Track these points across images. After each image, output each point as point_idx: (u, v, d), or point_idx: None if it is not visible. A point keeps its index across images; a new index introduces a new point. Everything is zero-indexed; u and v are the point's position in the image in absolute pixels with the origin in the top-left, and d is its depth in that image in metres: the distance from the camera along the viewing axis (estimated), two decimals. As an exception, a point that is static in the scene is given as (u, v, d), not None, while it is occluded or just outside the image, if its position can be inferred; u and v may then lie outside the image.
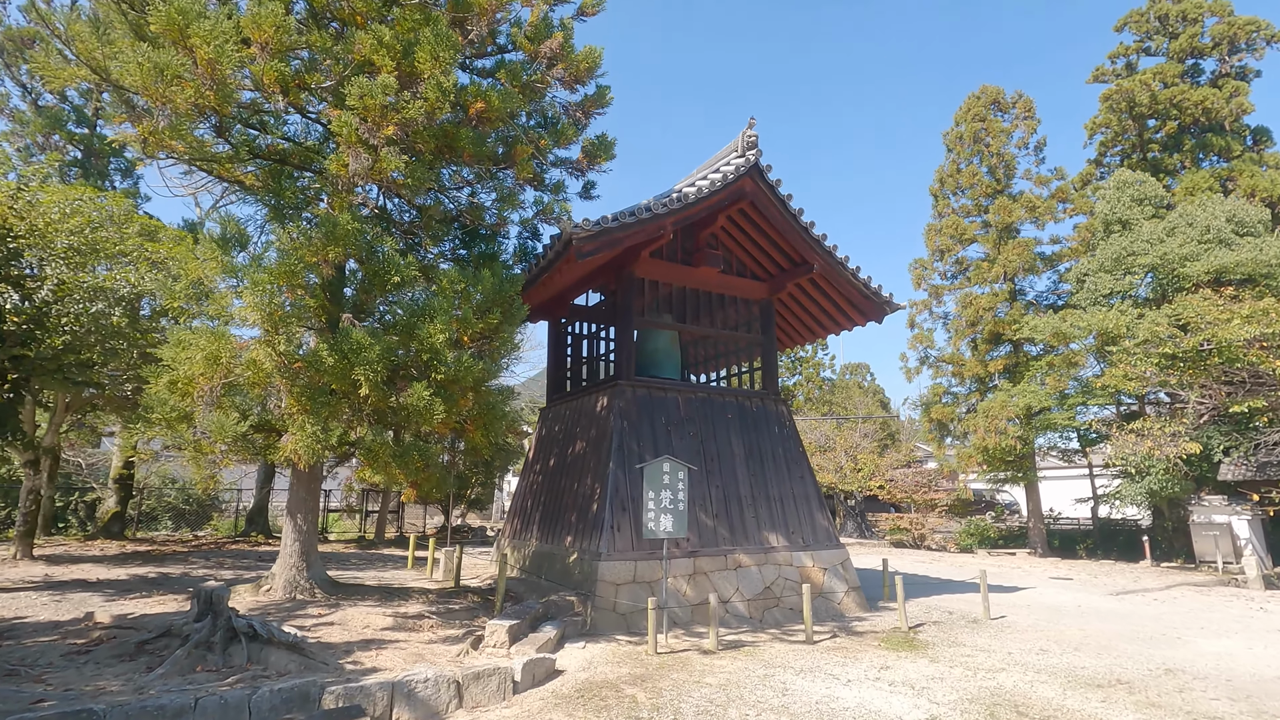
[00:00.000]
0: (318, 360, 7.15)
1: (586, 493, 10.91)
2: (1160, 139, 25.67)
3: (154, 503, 24.66)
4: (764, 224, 12.11)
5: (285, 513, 9.46)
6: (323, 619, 8.18)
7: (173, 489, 25.01)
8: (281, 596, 8.98)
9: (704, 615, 9.73)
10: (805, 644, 8.99)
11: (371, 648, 7.30)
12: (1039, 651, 8.83)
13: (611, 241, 9.94)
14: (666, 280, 12.12)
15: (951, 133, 27.12)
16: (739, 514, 11.15)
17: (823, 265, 12.21)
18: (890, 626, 10.24)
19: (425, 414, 7.71)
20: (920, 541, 27.17)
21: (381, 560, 15.88)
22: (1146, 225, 20.99)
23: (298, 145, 9.26)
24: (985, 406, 22.87)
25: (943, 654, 8.55)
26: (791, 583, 10.96)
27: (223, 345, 6.79)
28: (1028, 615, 11.56)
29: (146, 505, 24.36)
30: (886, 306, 12.85)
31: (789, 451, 12.30)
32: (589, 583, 9.52)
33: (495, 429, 9.36)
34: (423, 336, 7.65)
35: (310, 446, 7.64)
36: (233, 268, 7.03)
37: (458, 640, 7.91)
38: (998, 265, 24.13)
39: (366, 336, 7.47)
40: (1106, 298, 21.20)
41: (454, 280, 8.24)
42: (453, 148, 8.43)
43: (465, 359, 7.89)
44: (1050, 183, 25.14)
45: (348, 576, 12.48)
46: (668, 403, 11.49)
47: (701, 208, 10.93)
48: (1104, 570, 19.36)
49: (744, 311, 13.13)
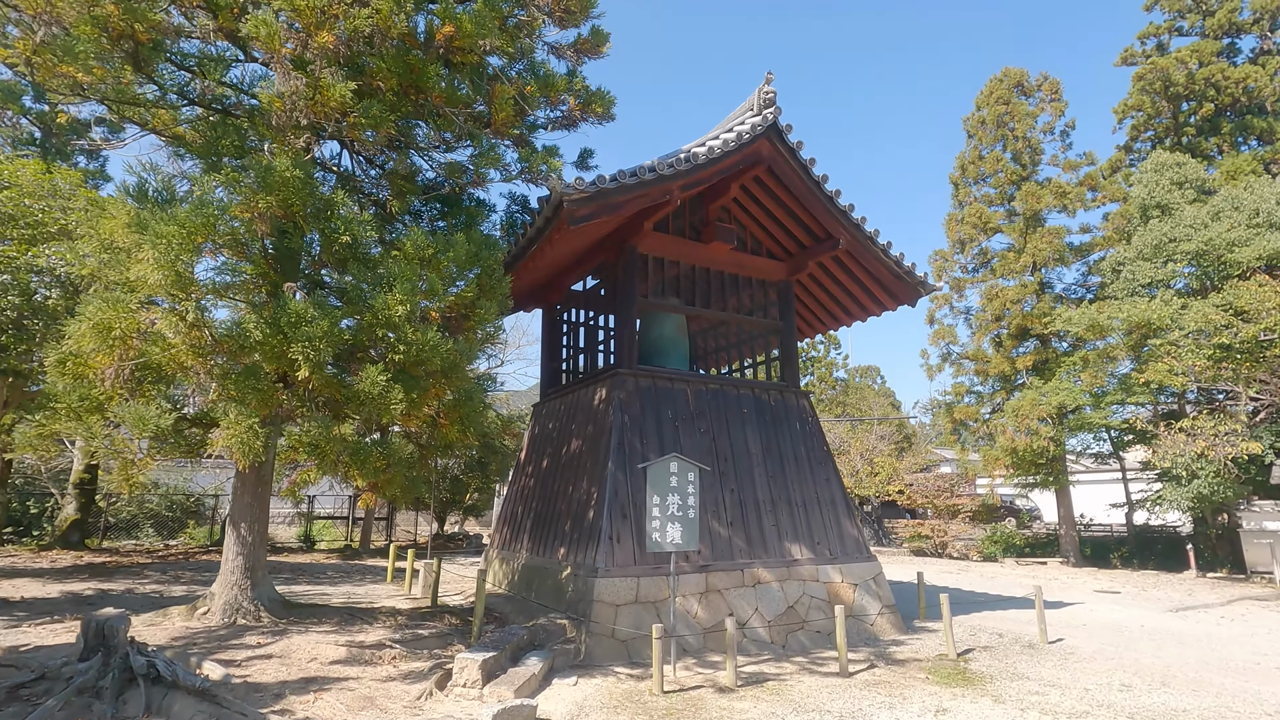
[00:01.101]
0: (243, 335, 5.79)
1: (582, 498, 9.52)
2: (1195, 122, 24.17)
3: (134, 509, 23.35)
4: (783, 194, 10.72)
5: (228, 522, 8.11)
6: (261, 650, 6.80)
7: (155, 494, 23.69)
8: (219, 621, 7.61)
9: (718, 641, 8.31)
10: (839, 677, 7.56)
11: (311, 689, 5.92)
12: (1121, 688, 7.37)
13: (609, 206, 8.57)
14: (673, 257, 10.73)
15: (973, 117, 25.70)
16: (757, 522, 9.73)
17: (849, 240, 10.80)
18: (935, 653, 8.79)
19: (381, 402, 6.34)
20: (942, 550, 25.62)
21: (361, 572, 14.50)
22: (1188, 210, 19.49)
23: (244, 92, 7.92)
24: (1014, 405, 21.34)
25: (1006, 691, 7.10)
26: (818, 601, 9.52)
27: (115, 315, 5.43)
28: (1088, 638, 10.09)
29: (127, 511, 23.07)
30: (920, 288, 11.43)
31: (812, 450, 10.87)
32: (583, 603, 8.12)
33: (474, 423, 7.98)
34: (378, 308, 6.29)
35: (246, 442, 6.29)
36: (139, 222, 5.69)
37: (422, 677, 6.52)
38: (1026, 255, 22.63)
39: (309, 307, 6.12)
40: (1145, 288, 19.70)
41: (420, 244, 6.87)
42: (419, 87, 7.08)
43: (432, 336, 6.53)
44: (1080, 168, 23.67)
45: (314, 593, 11.11)
46: (675, 395, 10.09)
47: (713, 171, 9.55)
48: (1149, 582, 17.80)
49: (760, 294, 11.73)
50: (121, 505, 23.08)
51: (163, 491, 23.81)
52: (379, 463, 7.03)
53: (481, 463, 23.43)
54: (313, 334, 5.95)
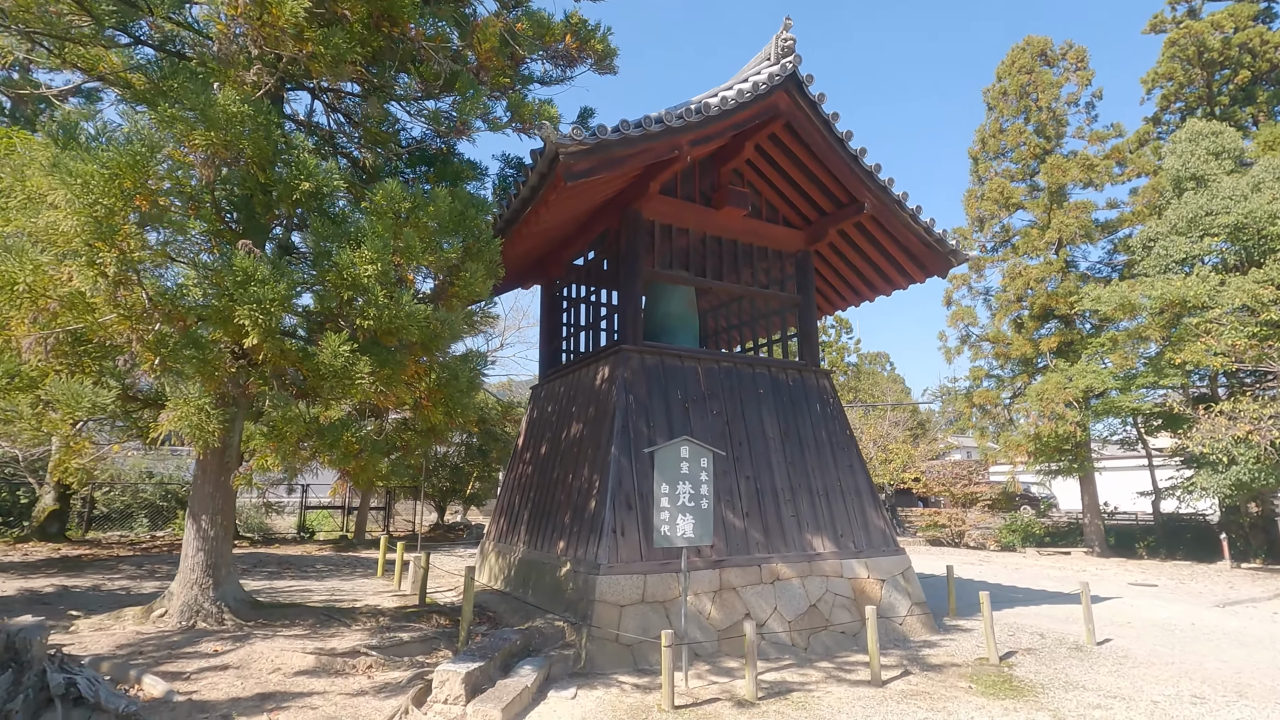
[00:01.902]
0: (179, 295, 4.93)
1: (583, 487, 8.67)
2: (1230, 90, 22.96)
3: (128, 499, 22.67)
4: (802, 153, 9.76)
5: (188, 515, 7.29)
6: (217, 659, 6.00)
7: (149, 483, 23.01)
8: (176, 624, 6.81)
9: (734, 644, 7.48)
10: (871, 686, 6.72)
11: (266, 708, 5.10)
12: (1194, 700, 6.49)
13: (610, 160, 7.65)
14: (682, 225, 9.81)
15: (994, 89, 24.53)
16: (775, 512, 8.87)
17: (875, 204, 9.85)
18: (973, 656, 7.94)
19: (345, 376, 5.48)
20: (959, 539, 24.75)
21: (352, 565, 13.74)
22: (1226, 181, 18.39)
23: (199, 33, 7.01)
24: (1038, 389, 20.34)
25: (1064, 704, 6.24)
26: (843, 599, 8.66)
27: (18, 267, 4.56)
28: (1137, 638, 9.21)
29: (120, 501, 22.41)
30: (952, 256, 10.47)
31: (835, 435, 9.98)
32: (584, 603, 7.28)
33: (460, 405, 7.11)
34: (342, 266, 5.41)
35: (197, 424, 5.46)
36: (58, 163, 4.81)
37: (399, 690, 5.70)
38: (1051, 231, 21.55)
39: (260, 265, 5.25)
40: (1179, 264, 18.64)
41: (395, 196, 5.98)
42: (391, 17, 6.17)
43: (407, 301, 5.65)
44: (1107, 139, 22.52)
45: (296, 590, 10.33)
46: (684, 373, 9.20)
47: (726, 125, 8.60)
48: (1183, 573, 16.89)
49: (776, 266, 10.79)
50: (115, 495, 22.45)
51: (157, 480, 23.13)
52: (351, 447, 6.19)
53: (482, 450, 22.65)
54: (263, 296, 5.08)
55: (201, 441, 6.02)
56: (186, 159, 5.35)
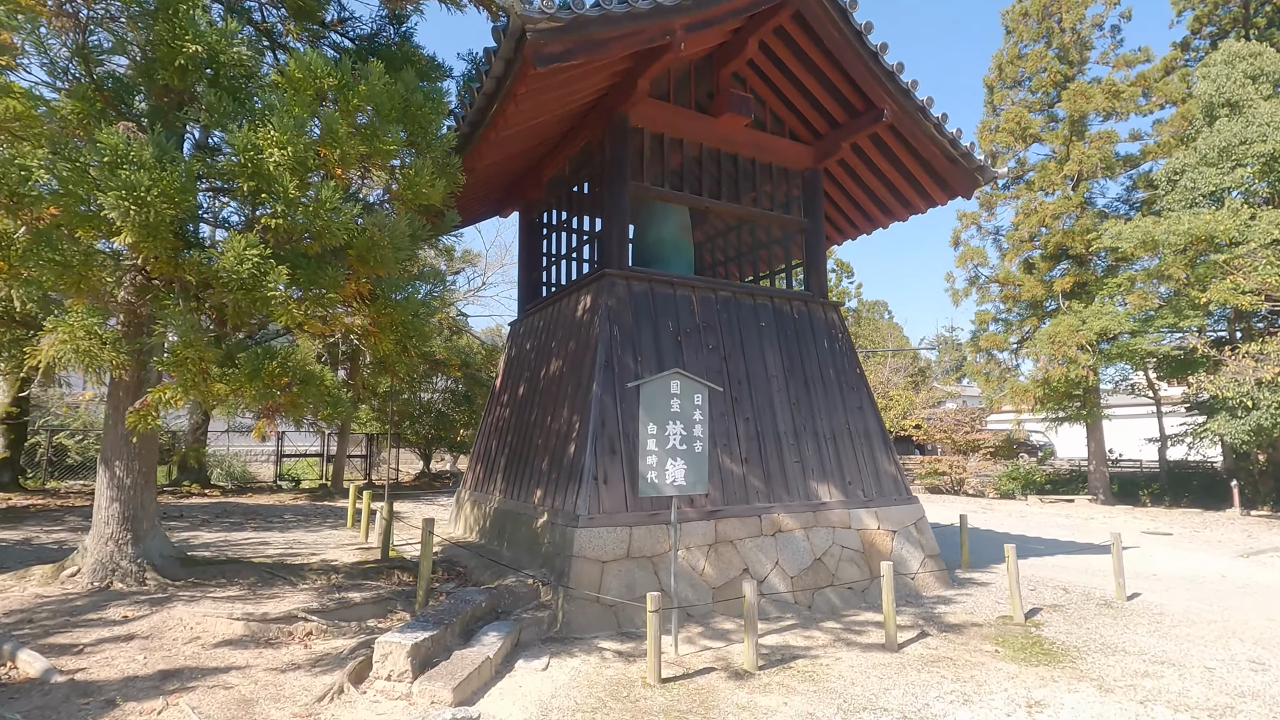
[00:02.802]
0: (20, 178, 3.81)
1: (562, 430, 7.71)
2: (1267, 11, 21.28)
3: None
4: (814, 50, 8.47)
5: (100, 460, 6.31)
6: (124, 627, 5.10)
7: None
8: (87, 585, 5.90)
9: (730, 605, 6.65)
10: (885, 651, 5.92)
11: (166, 689, 4.21)
12: (1251, 665, 5.71)
13: (589, 43, 6.40)
14: (675, 135, 8.58)
15: (1014, 9, 22.74)
16: (777, 457, 7.95)
17: (895, 111, 8.62)
18: (995, 615, 7.16)
19: (255, 288, 4.40)
20: (959, 487, 24.22)
21: (323, 515, 12.92)
22: (1264, 106, 17.01)
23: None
24: (1049, 332, 19.38)
25: (1108, 673, 5.43)
26: (851, 552, 7.83)
27: None
28: (1167, 592, 8.46)
29: (95, 450, 21.55)
30: (980, 174, 9.29)
31: (843, 373, 9.00)
32: (561, 559, 6.41)
33: (417, 333, 6.05)
34: (239, 148, 4.26)
35: (86, 349, 4.42)
36: None
37: (337, 663, 4.83)
38: (1070, 164, 20.20)
39: (139, 147, 4.10)
40: (1207, 197, 17.43)
41: (314, 69, 4.79)
42: None
43: (326, 195, 4.52)
44: (1135, 64, 20.97)
45: (251, 542, 9.48)
46: (677, 303, 8.14)
47: (727, 9, 7.31)
48: (1194, 521, 16.29)
49: (782, 185, 9.60)
50: (90, 443, 21.59)
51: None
52: (277, 379, 5.15)
53: (467, 396, 21.74)
54: (136, 182, 3.96)
55: (94, 372, 5.00)
56: (36, 5, 4.14)
